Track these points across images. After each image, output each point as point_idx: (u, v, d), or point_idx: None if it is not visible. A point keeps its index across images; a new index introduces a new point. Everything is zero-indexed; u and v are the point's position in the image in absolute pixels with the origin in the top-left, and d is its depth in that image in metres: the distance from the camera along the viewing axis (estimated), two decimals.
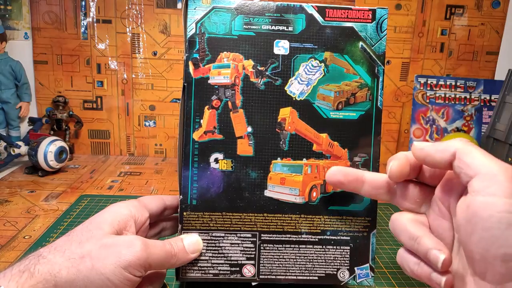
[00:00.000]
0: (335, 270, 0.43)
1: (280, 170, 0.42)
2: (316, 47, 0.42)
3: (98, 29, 0.93)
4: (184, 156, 0.41)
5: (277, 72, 0.42)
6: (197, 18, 0.41)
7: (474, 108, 0.98)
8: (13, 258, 0.52)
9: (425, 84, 0.98)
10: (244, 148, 0.42)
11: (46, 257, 0.33)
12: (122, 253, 0.33)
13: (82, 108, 0.97)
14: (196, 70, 0.41)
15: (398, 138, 1.01)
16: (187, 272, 0.41)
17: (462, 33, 0.97)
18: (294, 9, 0.41)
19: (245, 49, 0.41)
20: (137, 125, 0.98)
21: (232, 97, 0.41)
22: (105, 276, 0.32)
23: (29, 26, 0.93)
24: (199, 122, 0.41)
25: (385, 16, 0.42)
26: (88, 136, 0.99)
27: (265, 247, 0.42)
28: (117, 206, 0.39)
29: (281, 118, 0.42)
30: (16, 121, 0.94)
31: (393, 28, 0.96)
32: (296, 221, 0.42)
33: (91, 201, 0.70)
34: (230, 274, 0.42)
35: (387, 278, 0.51)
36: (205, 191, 0.41)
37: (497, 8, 0.96)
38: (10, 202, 0.69)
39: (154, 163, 0.95)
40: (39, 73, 0.95)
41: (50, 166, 0.81)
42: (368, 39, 0.42)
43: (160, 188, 0.79)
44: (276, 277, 0.42)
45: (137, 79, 0.96)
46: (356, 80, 0.42)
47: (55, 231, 0.59)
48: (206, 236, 0.42)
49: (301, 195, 0.42)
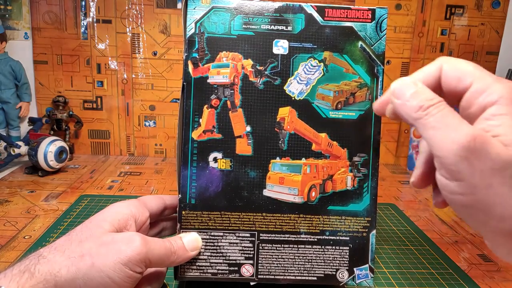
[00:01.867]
0: (334, 270, 0.43)
1: (279, 169, 0.42)
2: (316, 47, 0.42)
3: (98, 29, 0.93)
4: (183, 155, 0.41)
5: (276, 72, 0.42)
6: (196, 18, 0.41)
7: None
8: (13, 258, 0.52)
9: None
10: (243, 148, 0.42)
11: (46, 257, 0.33)
12: (122, 249, 0.33)
13: (82, 108, 0.97)
14: (195, 70, 0.41)
15: (398, 138, 1.01)
16: (185, 271, 0.41)
17: (462, 33, 0.97)
18: (293, 9, 0.41)
19: (244, 49, 0.41)
20: (137, 125, 0.98)
21: (231, 97, 0.41)
22: (105, 273, 0.32)
23: (29, 26, 0.93)
24: (198, 121, 0.41)
25: (384, 16, 0.42)
26: (88, 136, 0.99)
27: (263, 246, 0.42)
28: (117, 205, 0.39)
29: (280, 118, 0.42)
30: (16, 121, 0.94)
31: (393, 28, 0.96)
32: (295, 221, 0.42)
33: (91, 201, 0.70)
34: (229, 273, 0.42)
35: (387, 278, 0.51)
36: (204, 190, 0.41)
37: (497, 8, 0.96)
38: (10, 202, 0.69)
39: (154, 163, 0.95)
40: (39, 73, 0.95)
41: (50, 166, 0.81)
42: (368, 39, 0.42)
43: (160, 188, 0.79)
44: (275, 277, 0.42)
45: (137, 79, 0.96)
46: (355, 80, 0.42)
47: (55, 231, 0.59)
48: (205, 235, 0.42)
49: (300, 194, 0.42)
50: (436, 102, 0.29)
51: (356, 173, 0.43)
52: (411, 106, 0.29)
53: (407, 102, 0.29)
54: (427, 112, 0.29)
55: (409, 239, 0.61)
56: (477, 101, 0.29)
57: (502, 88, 0.28)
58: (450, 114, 0.28)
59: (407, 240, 0.61)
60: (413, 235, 0.63)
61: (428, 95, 0.29)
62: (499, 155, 0.26)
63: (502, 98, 0.28)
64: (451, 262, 0.55)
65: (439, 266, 0.54)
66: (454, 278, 0.51)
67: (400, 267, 0.53)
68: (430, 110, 0.29)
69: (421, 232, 0.64)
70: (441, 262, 0.55)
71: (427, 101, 0.29)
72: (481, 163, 0.26)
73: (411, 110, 0.29)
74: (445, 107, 0.29)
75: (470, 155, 0.26)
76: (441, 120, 0.28)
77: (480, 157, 0.26)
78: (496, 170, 0.26)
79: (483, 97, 0.28)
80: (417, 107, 0.29)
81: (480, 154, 0.26)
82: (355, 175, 0.43)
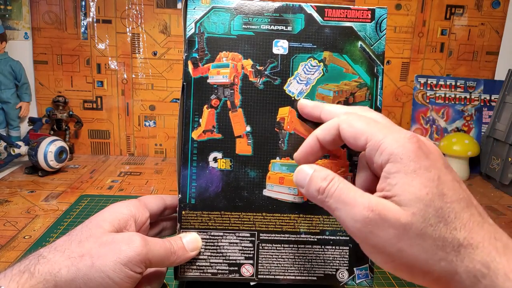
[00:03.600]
0: (334, 270, 0.43)
1: (279, 169, 0.42)
2: (315, 47, 0.42)
3: (98, 29, 0.93)
4: (183, 155, 0.41)
5: (276, 72, 0.42)
6: (196, 18, 0.41)
7: (474, 108, 0.98)
8: (13, 258, 0.52)
9: (425, 84, 0.99)
10: (243, 148, 0.42)
11: (46, 257, 0.33)
12: (122, 249, 0.33)
13: (82, 108, 0.97)
14: (195, 70, 0.41)
15: None
16: (185, 271, 0.41)
17: (462, 33, 0.97)
18: (293, 9, 0.41)
19: (244, 49, 0.41)
20: (137, 125, 0.98)
21: (231, 97, 0.41)
22: (105, 273, 0.32)
23: (29, 26, 0.93)
24: (198, 121, 0.41)
25: (384, 15, 0.42)
26: (88, 136, 0.99)
27: (263, 246, 0.42)
28: (117, 205, 0.39)
29: (280, 118, 0.42)
30: (16, 121, 0.94)
31: (393, 28, 0.96)
32: (295, 220, 0.42)
33: (91, 201, 0.70)
34: (229, 273, 0.42)
35: (387, 278, 0.51)
36: (204, 190, 0.41)
37: (497, 8, 0.96)
38: (10, 202, 0.69)
39: (154, 163, 0.95)
40: (39, 73, 0.95)
41: (50, 166, 0.81)
42: (367, 39, 0.42)
43: (160, 188, 0.79)
44: (275, 277, 0.42)
45: (137, 79, 0.96)
46: (355, 80, 0.42)
47: (55, 231, 0.59)
48: (205, 235, 0.42)
49: (300, 194, 0.42)
50: (330, 180, 0.30)
51: (355, 172, 0.43)
52: (312, 193, 0.31)
53: (308, 190, 0.31)
54: (325, 194, 0.29)
55: None
56: (374, 159, 0.29)
57: (393, 143, 0.28)
58: (345, 189, 0.29)
59: None
60: None
61: (322, 174, 0.30)
62: (399, 220, 0.26)
63: (392, 156, 0.28)
64: None
65: None
66: None
67: None
68: (327, 190, 0.29)
69: None
70: None
71: (322, 182, 0.30)
72: (385, 232, 0.27)
73: (314, 197, 0.31)
74: (339, 182, 0.29)
75: (372, 228, 0.27)
76: (339, 199, 0.29)
77: (382, 227, 0.26)
78: (401, 235, 0.26)
79: (377, 156, 0.29)
80: (315, 192, 0.30)
81: (381, 224, 0.26)
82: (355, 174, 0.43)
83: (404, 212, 0.26)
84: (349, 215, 0.28)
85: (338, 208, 0.29)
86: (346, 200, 0.28)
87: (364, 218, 0.27)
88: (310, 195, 0.31)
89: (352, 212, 0.27)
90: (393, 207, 0.27)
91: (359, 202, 0.27)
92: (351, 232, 0.28)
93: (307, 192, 0.31)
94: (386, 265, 0.28)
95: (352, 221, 0.27)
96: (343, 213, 0.28)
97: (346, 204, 0.28)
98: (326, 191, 0.29)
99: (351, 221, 0.28)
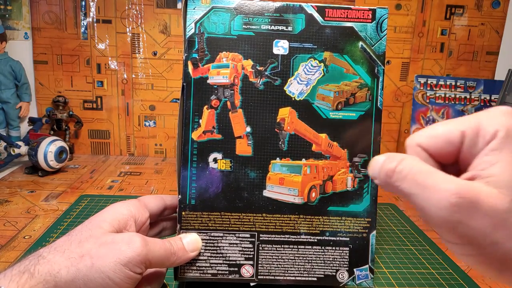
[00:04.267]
0: (334, 271, 0.43)
1: (279, 170, 0.42)
2: (316, 47, 0.42)
3: (98, 29, 0.93)
4: (183, 155, 0.41)
5: (276, 72, 0.42)
6: (196, 18, 0.41)
7: (474, 108, 0.98)
8: (13, 258, 0.52)
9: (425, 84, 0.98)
10: (243, 148, 0.42)
11: (46, 257, 0.33)
12: (122, 250, 0.33)
13: (82, 108, 0.97)
14: (195, 70, 0.41)
15: (398, 138, 1.01)
16: (185, 271, 0.41)
17: (462, 33, 0.97)
18: (293, 9, 0.41)
19: (244, 49, 0.41)
20: (137, 125, 0.98)
21: (231, 97, 0.41)
22: (105, 274, 0.32)
23: (29, 26, 0.93)
24: (198, 122, 0.41)
25: (385, 16, 0.42)
26: (88, 136, 0.99)
27: (263, 247, 0.42)
28: (117, 205, 0.39)
29: (280, 118, 0.42)
30: (16, 121, 0.94)
31: (393, 28, 0.96)
32: (295, 221, 0.42)
33: (91, 201, 0.70)
34: (229, 274, 0.42)
35: (387, 278, 0.50)
36: (204, 191, 0.41)
37: (497, 8, 0.96)
38: (10, 202, 0.69)
39: (154, 163, 0.95)
40: (39, 73, 0.95)
41: (50, 166, 0.81)
42: (368, 39, 0.42)
43: (160, 188, 0.79)
44: (275, 277, 0.42)
45: (137, 79, 0.96)
46: (356, 80, 0.42)
47: (55, 231, 0.59)
48: (205, 236, 0.42)
49: (300, 195, 0.42)
50: (400, 160, 0.25)
51: (356, 173, 0.43)
52: (383, 180, 0.26)
53: (380, 179, 0.26)
54: (395, 177, 0.25)
55: (409, 239, 0.61)
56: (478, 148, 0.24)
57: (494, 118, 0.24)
58: (423, 170, 0.24)
59: (407, 240, 0.61)
60: (413, 235, 0.63)
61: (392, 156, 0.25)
62: (495, 208, 0.22)
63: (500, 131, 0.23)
64: (451, 262, 0.55)
65: (439, 266, 0.54)
66: (454, 278, 0.51)
67: (400, 267, 0.53)
68: (397, 172, 0.25)
69: (421, 232, 0.64)
70: (441, 262, 0.55)
71: (390, 163, 0.25)
72: (478, 222, 0.22)
73: (385, 184, 0.26)
74: (413, 163, 0.24)
75: (462, 217, 0.22)
76: (415, 182, 0.24)
77: (475, 215, 0.22)
78: (498, 225, 0.22)
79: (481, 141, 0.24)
80: (385, 177, 0.25)
81: (473, 212, 0.22)
82: (355, 175, 0.43)
83: (504, 197, 0.22)
84: (431, 202, 0.23)
85: (414, 194, 0.24)
86: (424, 183, 0.23)
87: (452, 205, 0.22)
88: (383, 184, 0.26)
89: (435, 198, 0.23)
90: (488, 191, 0.22)
91: (443, 187, 0.23)
92: (434, 221, 0.24)
93: (380, 182, 0.26)
94: (472, 258, 0.24)
95: (435, 209, 0.23)
96: (423, 199, 0.23)
97: (425, 188, 0.23)
98: (395, 174, 0.24)
99: (434, 209, 0.23)
